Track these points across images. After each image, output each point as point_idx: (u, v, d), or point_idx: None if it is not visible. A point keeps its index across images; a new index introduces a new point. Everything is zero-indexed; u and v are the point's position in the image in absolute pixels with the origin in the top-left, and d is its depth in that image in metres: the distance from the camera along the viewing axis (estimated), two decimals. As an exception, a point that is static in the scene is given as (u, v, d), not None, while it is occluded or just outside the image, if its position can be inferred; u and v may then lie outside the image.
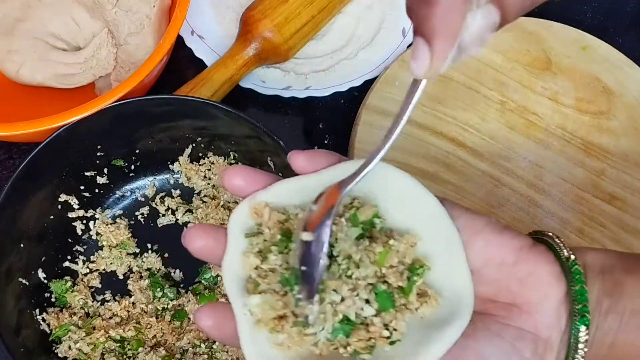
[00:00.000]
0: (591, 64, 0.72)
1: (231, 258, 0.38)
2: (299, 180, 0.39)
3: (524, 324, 0.37)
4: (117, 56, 0.68)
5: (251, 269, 0.37)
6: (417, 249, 0.38)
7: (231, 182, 0.38)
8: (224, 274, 0.37)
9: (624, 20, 0.79)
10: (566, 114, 0.71)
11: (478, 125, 0.70)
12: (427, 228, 0.38)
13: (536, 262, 0.38)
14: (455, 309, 0.37)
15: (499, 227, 0.39)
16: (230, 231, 0.38)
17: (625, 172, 0.69)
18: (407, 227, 0.39)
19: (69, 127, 0.57)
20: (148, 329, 0.61)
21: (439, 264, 0.38)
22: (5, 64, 0.67)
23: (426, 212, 0.39)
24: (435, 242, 0.38)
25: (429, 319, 0.37)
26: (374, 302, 0.37)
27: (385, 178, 0.39)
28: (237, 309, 0.37)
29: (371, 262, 0.37)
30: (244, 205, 0.38)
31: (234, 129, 0.60)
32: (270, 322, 0.36)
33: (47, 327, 0.59)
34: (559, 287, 0.38)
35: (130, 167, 0.66)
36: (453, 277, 0.38)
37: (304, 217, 0.37)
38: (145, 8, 0.67)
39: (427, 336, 0.37)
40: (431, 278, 0.38)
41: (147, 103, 0.59)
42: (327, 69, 0.73)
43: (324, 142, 0.72)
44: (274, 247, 0.37)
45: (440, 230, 0.38)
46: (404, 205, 0.39)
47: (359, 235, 0.38)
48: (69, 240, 0.64)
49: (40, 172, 0.58)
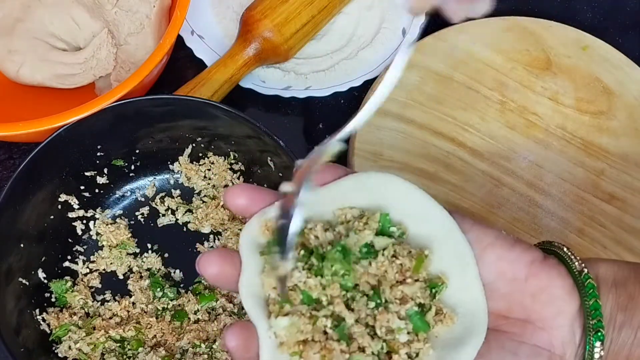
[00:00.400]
0: (591, 64, 0.72)
1: (248, 278, 0.36)
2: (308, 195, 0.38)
3: (538, 340, 0.37)
4: (117, 56, 0.68)
5: (270, 289, 0.36)
6: (431, 264, 0.37)
7: (234, 203, 0.38)
8: (243, 294, 0.36)
9: (624, 20, 0.79)
10: (566, 114, 0.71)
11: (478, 125, 0.70)
12: (438, 242, 0.38)
13: (548, 277, 0.37)
14: (469, 326, 0.36)
15: (509, 240, 0.38)
16: (242, 251, 0.37)
17: (625, 172, 0.69)
18: (418, 242, 0.38)
19: (69, 127, 0.57)
20: (148, 329, 0.61)
21: (452, 280, 0.37)
22: (5, 64, 0.67)
23: (437, 226, 0.38)
24: (447, 257, 0.37)
25: (442, 337, 0.36)
26: (407, 325, 0.35)
27: (393, 191, 0.38)
28: (261, 330, 0.36)
29: (397, 278, 0.36)
30: (254, 222, 0.37)
31: (234, 129, 0.60)
32: (294, 346, 0.35)
33: (47, 327, 0.59)
34: (572, 301, 0.37)
35: (130, 167, 0.66)
36: (466, 293, 0.37)
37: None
38: (145, 8, 0.67)
39: (441, 357, 0.36)
40: (445, 295, 0.37)
41: (147, 103, 0.59)
42: (327, 69, 0.73)
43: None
44: (299, 264, 0.36)
45: (452, 244, 0.37)
46: (414, 219, 0.38)
47: (373, 253, 0.37)
48: (69, 240, 0.64)
49: (40, 172, 0.58)
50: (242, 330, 0.36)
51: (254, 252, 0.37)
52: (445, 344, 0.36)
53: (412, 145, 0.68)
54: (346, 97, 0.72)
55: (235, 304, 0.61)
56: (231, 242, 0.63)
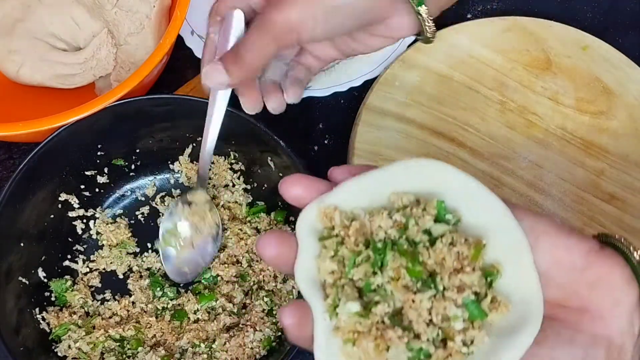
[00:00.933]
0: (591, 64, 0.72)
1: (304, 262, 0.37)
2: (360, 181, 0.38)
3: (596, 330, 0.36)
4: (117, 56, 0.68)
5: (326, 274, 0.36)
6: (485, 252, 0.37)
7: (290, 193, 0.38)
8: (298, 278, 0.36)
9: (624, 20, 0.79)
10: (566, 114, 0.71)
11: (478, 125, 0.70)
12: (493, 230, 0.37)
13: (606, 267, 0.37)
14: (523, 315, 0.36)
15: (564, 229, 0.38)
16: (300, 235, 0.37)
17: (625, 172, 0.69)
18: (473, 230, 0.37)
19: (69, 127, 0.57)
20: (148, 328, 0.61)
21: (506, 268, 0.37)
22: (5, 64, 0.67)
23: (491, 214, 0.37)
24: (502, 244, 0.37)
25: (497, 326, 0.36)
26: (463, 312, 0.35)
27: (445, 180, 0.38)
28: (317, 312, 0.36)
29: (455, 265, 0.36)
30: (312, 208, 0.37)
31: (234, 129, 0.60)
32: (349, 333, 0.35)
33: (47, 326, 0.59)
34: (631, 291, 0.37)
35: (131, 167, 0.66)
36: (521, 281, 0.37)
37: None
38: (145, 8, 0.67)
39: (496, 345, 0.35)
40: (499, 283, 0.37)
41: (147, 103, 0.59)
42: (327, 69, 0.73)
43: (324, 142, 0.72)
44: (358, 258, 0.36)
45: (506, 232, 0.37)
46: (467, 206, 0.38)
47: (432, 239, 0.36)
48: (69, 240, 0.64)
49: (41, 172, 0.58)
50: (297, 309, 0.37)
51: (311, 237, 0.37)
52: (500, 332, 0.36)
53: (412, 145, 0.68)
54: (346, 97, 0.72)
55: (234, 304, 0.61)
56: (231, 242, 0.63)
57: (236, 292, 0.62)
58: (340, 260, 0.36)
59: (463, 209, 0.38)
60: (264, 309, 0.61)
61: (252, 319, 0.60)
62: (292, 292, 0.61)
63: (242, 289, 0.62)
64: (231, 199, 0.65)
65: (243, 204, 0.65)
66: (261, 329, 0.59)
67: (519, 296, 0.36)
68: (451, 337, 0.35)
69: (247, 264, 0.63)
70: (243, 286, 0.62)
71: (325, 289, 0.36)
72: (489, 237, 0.37)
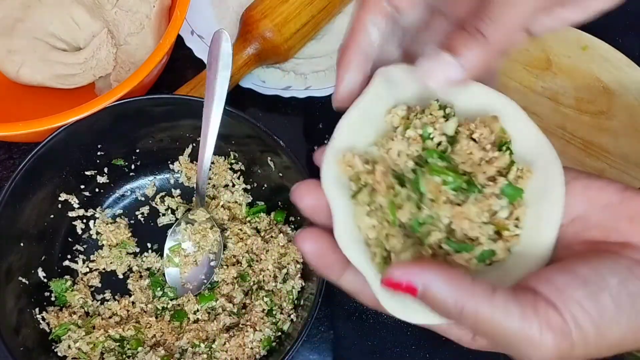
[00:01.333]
0: (591, 64, 0.72)
1: (342, 226, 0.37)
2: (352, 112, 0.38)
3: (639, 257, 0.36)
4: (117, 56, 0.68)
5: (368, 230, 0.36)
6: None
7: (303, 203, 0.38)
8: (342, 246, 0.36)
9: (624, 20, 0.79)
10: (566, 114, 0.71)
11: (478, 125, 0.70)
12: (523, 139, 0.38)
13: None
14: (545, 172, 0.37)
15: (593, 174, 0.38)
16: (329, 194, 0.37)
17: (625, 172, 0.69)
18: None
19: (69, 127, 0.57)
20: (147, 328, 0.61)
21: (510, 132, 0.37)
22: (5, 64, 0.67)
23: (526, 135, 0.38)
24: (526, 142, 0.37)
25: (529, 193, 0.37)
26: (502, 199, 0.36)
27: (488, 103, 0.38)
28: (370, 278, 0.36)
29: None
30: (329, 163, 0.37)
31: (234, 129, 0.60)
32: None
33: (47, 326, 0.59)
34: None
35: (131, 167, 0.66)
36: (527, 142, 0.37)
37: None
38: (145, 8, 0.67)
39: (537, 210, 0.36)
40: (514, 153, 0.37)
41: (147, 103, 0.59)
42: (327, 69, 0.73)
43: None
44: (397, 199, 0.36)
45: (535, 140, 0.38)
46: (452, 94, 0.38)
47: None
48: (69, 240, 0.64)
49: (41, 172, 0.58)
50: (319, 236, 0.37)
51: (342, 194, 0.37)
52: (534, 198, 0.37)
53: (412, 145, 0.68)
54: (346, 97, 0.72)
55: (234, 304, 0.61)
56: (231, 242, 0.63)
57: (236, 292, 0.62)
58: (378, 208, 0.36)
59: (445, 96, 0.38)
60: (264, 309, 0.61)
61: (252, 319, 0.60)
62: (292, 292, 0.61)
63: (242, 289, 0.62)
64: (231, 199, 0.65)
65: (243, 204, 0.65)
66: (261, 329, 0.59)
67: (531, 156, 0.37)
68: (504, 226, 0.36)
69: (247, 264, 0.63)
70: (243, 286, 0.62)
71: (370, 247, 0.36)
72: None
